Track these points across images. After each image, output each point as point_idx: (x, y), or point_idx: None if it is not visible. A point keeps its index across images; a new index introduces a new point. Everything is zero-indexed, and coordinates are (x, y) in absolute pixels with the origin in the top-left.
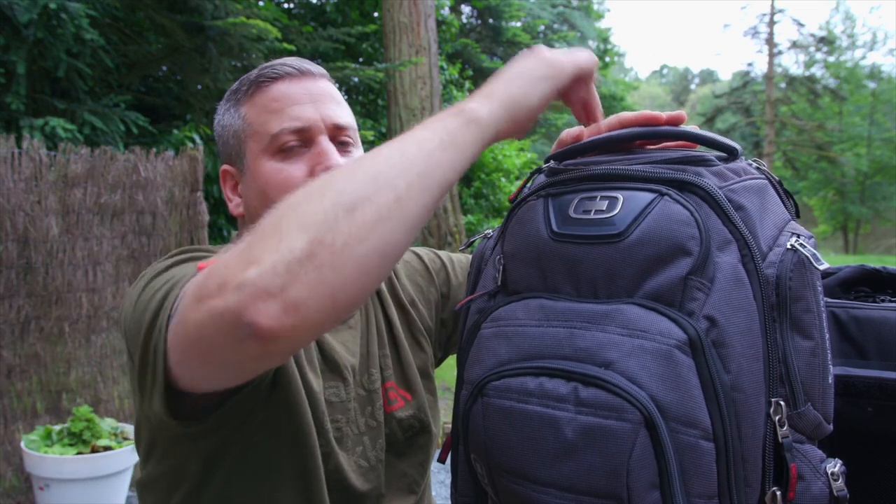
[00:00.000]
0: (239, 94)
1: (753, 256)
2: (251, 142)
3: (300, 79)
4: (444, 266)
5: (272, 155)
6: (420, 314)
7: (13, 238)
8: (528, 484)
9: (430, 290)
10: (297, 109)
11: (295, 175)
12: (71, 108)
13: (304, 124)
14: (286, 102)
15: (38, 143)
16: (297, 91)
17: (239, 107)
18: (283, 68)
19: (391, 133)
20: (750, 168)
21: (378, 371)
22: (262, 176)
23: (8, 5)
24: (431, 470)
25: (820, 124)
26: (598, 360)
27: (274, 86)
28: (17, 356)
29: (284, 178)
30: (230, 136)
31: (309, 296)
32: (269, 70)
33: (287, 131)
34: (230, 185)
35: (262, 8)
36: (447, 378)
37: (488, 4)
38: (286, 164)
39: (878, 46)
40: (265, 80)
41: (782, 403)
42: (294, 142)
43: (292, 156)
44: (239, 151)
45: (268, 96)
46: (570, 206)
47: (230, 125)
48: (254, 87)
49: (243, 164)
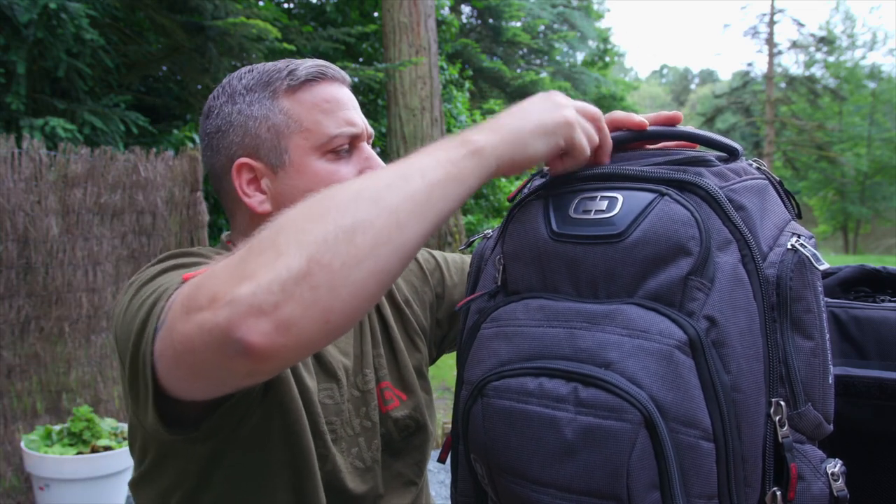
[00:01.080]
0: (274, 86)
1: (754, 256)
2: (298, 138)
3: (342, 84)
4: (438, 266)
5: (324, 154)
6: (415, 314)
7: (13, 238)
8: (528, 484)
9: (425, 290)
10: (350, 114)
11: (348, 176)
12: (71, 108)
13: (359, 130)
14: (338, 105)
15: (38, 143)
16: (344, 96)
17: (276, 100)
18: (328, 70)
19: (391, 133)
20: (750, 168)
21: (372, 371)
22: (313, 174)
23: (8, 5)
24: (431, 470)
25: (820, 124)
26: (598, 360)
27: (323, 86)
28: (17, 356)
29: (339, 178)
30: (262, 129)
31: (302, 316)
32: (314, 69)
33: (345, 135)
34: (247, 180)
35: (262, 8)
36: (447, 378)
37: (488, 4)
38: (339, 165)
39: (878, 46)
40: (311, 79)
41: (782, 403)
42: (346, 144)
43: (342, 158)
44: (277, 146)
45: (319, 95)
46: (570, 206)
47: (262, 117)
48: (299, 83)
49: (281, 160)
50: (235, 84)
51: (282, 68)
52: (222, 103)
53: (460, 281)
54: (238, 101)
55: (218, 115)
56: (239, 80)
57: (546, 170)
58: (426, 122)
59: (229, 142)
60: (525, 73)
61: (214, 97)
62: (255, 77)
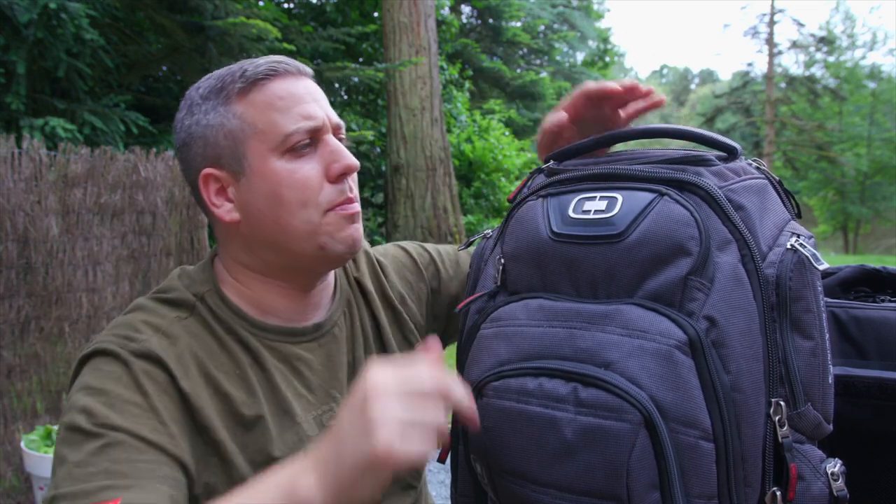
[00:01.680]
0: (226, 91)
1: (753, 256)
2: (254, 141)
3: (297, 77)
4: (432, 260)
5: (282, 154)
6: (410, 311)
7: (13, 238)
8: (528, 484)
9: (420, 285)
10: (306, 108)
11: (311, 174)
12: (71, 108)
13: (318, 123)
14: (292, 101)
15: (38, 143)
16: (300, 89)
17: (230, 105)
18: (280, 65)
19: (391, 133)
20: (750, 168)
21: None
22: (274, 175)
23: (8, 5)
24: (431, 470)
25: (820, 124)
26: (598, 360)
27: (275, 83)
28: (17, 356)
29: (302, 178)
30: (220, 137)
31: None
32: (263, 67)
33: (303, 130)
34: (214, 190)
35: (262, 8)
36: None
37: (488, 4)
38: (301, 164)
39: (878, 46)
40: (262, 78)
41: (782, 403)
42: (306, 140)
43: (303, 155)
44: (235, 152)
45: (271, 94)
46: (569, 206)
47: (218, 124)
48: (249, 85)
49: (241, 166)
50: (193, 95)
51: (235, 71)
52: (182, 117)
53: (455, 274)
54: (196, 112)
55: (181, 129)
56: (196, 90)
57: (545, 166)
58: (426, 122)
59: (193, 154)
60: (525, 73)
61: (178, 111)
62: (210, 84)
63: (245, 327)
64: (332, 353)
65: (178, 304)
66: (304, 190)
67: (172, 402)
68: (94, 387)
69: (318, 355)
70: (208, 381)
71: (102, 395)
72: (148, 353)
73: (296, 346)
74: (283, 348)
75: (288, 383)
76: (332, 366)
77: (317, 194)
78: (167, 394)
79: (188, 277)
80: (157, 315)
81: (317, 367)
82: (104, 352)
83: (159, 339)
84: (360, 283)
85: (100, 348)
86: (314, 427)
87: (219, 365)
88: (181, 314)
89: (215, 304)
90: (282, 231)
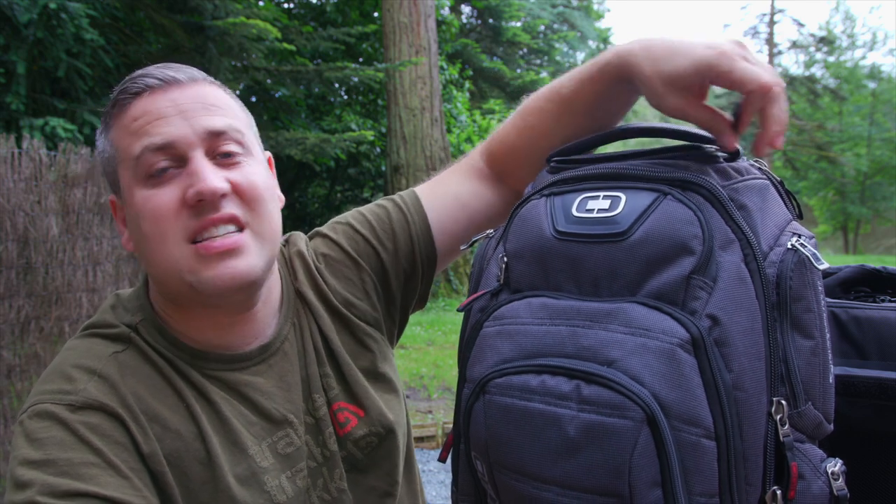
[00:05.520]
0: (107, 117)
1: (756, 256)
2: (122, 168)
3: (165, 90)
4: (366, 241)
5: (141, 181)
6: (359, 311)
7: (13, 238)
8: (530, 481)
9: (363, 277)
10: (160, 125)
11: (164, 202)
12: (71, 108)
13: (166, 140)
14: (147, 119)
15: (38, 143)
16: (161, 104)
17: (108, 131)
18: (144, 80)
19: (391, 133)
20: (751, 168)
21: (322, 395)
22: (134, 206)
23: (8, 5)
24: (431, 470)
25: (820, 124)
26: (601, 358)
27: (135, 103)
28: (17, 356)
29: (153, 207)
30: (105, 165)
31: None
32: (129, 84)
33: (149, 150)
34: (120, 217)
35: (262, 8)
36: (447, 378)
37: (488, 4)
38: (158, 191)
39: (878, 46)
40: (124, 98)
41: (783, 403)
42: (163, 163)
43: (164, 180)
44: (116, 180)
45: (129, 115)
46: (572, 205)
47: (103, 152)
48: (117, 108)
49: (121, 193)
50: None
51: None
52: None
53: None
54: (98, 140)
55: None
56: None
57: (553, 164)
58: (426, 122)
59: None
60: (525, 73)
61: None
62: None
63: (184, 359)
64: (285, 373)
65: (112, 338)
66: (157, 221)
67: (126, 451)
68: (37, 460)
69: (269, 377)
70: (155, 420)
71: (52, 466)
72: (89, 404)
73: (242, 373)
74: (227, 377)
75: (237, 413)
76: (285, 386)
77: (172, 225)
78: (119, 444)
79: (122, 307)
80: (90, 355)
81: (269, 390)
82: (39, 414)
83: (97, 383)
84: (301, 294)
85: (34, 411)
86: (268, 456)
87: (163, 399)
88: (117, 348)
89: (150, 334)
90: (152, 266)
